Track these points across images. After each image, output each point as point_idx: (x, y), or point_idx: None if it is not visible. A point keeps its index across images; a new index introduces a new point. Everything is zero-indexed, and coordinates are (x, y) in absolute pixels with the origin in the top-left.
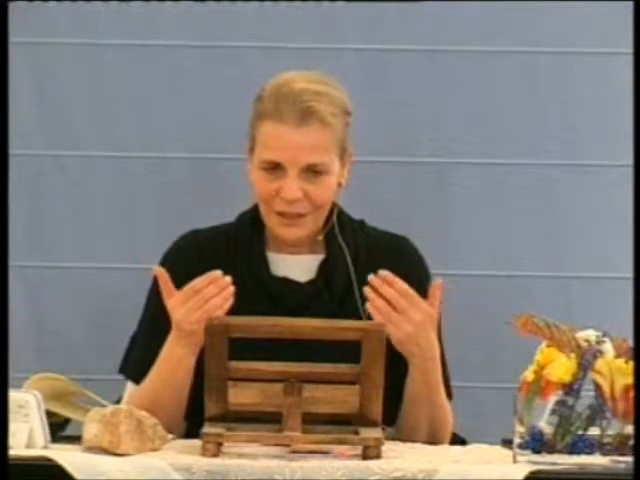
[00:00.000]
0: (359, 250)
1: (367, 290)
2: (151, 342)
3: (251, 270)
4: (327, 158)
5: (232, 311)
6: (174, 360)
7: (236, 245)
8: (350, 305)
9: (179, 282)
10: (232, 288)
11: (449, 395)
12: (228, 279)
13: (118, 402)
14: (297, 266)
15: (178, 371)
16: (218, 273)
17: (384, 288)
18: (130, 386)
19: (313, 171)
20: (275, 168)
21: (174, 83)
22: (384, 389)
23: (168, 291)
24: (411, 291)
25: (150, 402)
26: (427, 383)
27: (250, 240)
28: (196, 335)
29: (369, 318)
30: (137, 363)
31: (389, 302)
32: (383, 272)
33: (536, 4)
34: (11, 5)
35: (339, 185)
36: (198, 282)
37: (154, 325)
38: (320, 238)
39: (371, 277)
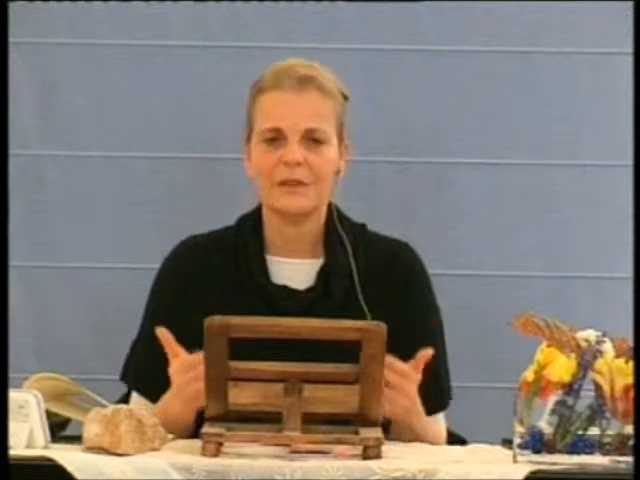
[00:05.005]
0: (358, 255)
1: None
2: (150, 350)
3: (250, 276)
4: (326, 126)
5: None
6: (172, 416)
7: (236, 250)
8: (350, 311)
9: (179, 289)
10: None
11: (445, 404)
12: None
13: (119, 402)
14: (296, 271)
15: (176, 425)
16: None
17: None
18: (134, 395)
19: (313, 139)
20: (276, 138)
21: (174, 83)
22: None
23: (172, 353)
24: (396, 363)
25: None
26: (413, 430)
27: (250, 244)
28: (197, 400)
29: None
30: (137, 372)
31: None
32: None
33: (536, 4)
34: (11, 5)
35: (337, 173)
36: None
37: (153, 333)
38: (320, 239)
39: None
